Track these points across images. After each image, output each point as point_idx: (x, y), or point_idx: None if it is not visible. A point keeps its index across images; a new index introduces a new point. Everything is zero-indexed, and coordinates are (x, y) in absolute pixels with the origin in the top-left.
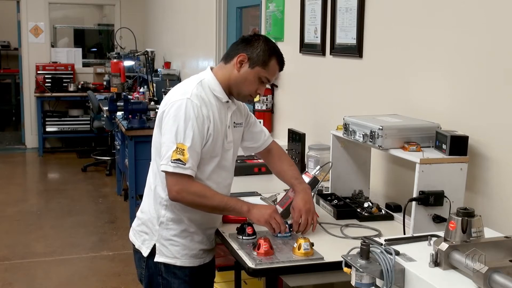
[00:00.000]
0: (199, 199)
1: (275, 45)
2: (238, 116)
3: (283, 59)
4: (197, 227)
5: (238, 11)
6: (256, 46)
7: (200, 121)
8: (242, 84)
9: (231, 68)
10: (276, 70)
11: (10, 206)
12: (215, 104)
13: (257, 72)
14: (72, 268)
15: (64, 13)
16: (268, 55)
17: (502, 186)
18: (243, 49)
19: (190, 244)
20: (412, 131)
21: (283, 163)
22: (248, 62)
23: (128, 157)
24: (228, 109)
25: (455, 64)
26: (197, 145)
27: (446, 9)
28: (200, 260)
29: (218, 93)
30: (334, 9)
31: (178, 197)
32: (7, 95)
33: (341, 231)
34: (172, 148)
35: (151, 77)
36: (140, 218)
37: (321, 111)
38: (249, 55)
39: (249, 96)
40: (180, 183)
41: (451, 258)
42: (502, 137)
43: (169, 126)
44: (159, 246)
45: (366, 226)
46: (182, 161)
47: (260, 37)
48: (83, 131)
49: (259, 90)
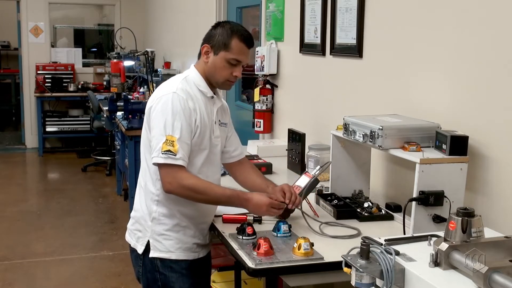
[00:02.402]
0: (192, 193)
1: (234, 26)
2: (223, 115)
3: (246, 34)
4: (189, 221)
5: (238, 11)
6: (215, 33)
7: (187, 113)
8: (214, 72)
9: (202, 61)
10: (242, 47)
11: (10, 206)
12: (201, 98)
13: (223, 57)
14: (72, 268)
15: (64, 13)
16: (227, 36)
17: (502, 186)
18: (206, 40)
19: (183, 238)
20: (412, 131)
21: (253, 175)
22: (212, 50)
23: (128, 157)
24: (214, 104)
25: (455, 64)
26: (186, 137)
27: (446, 9)
28: (194, 254)
29: (202, 88)
30: (334, 9)
31: (171, 188)
32: (7, 95)
33: (320, 229)
34: (162, 141)
35: (151, 77)
36: (133, 217)
37: (321, 111)
38: (211, 44)
39: (228, 82)
40: (172, 174)
41: (451, 258)
42: (502, 137)
43: (157, 120)
44: (153, 242)
45: (348, 226)
46: (172, 151)
47: (219, 24)
48: (83, 131)
49: (234, 72)
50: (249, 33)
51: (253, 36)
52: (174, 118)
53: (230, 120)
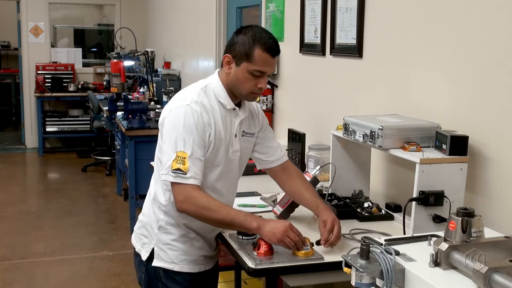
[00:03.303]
0: (203, 211)
1: (258, 33)
2: (249, 125)
3: (270, 43)
4: (197, 233)
5: (238, 11)
6: (236, 42)
7: (201, 128)
8: (237, 84)
9: (224, 71)
10: (265, 58)
11: (10, 206)
12: (219, 110)
13: (245, 68)
14: (72, 268)
15: (64, 13)
16: (249, 46)
17: (502, 186)
18: (227, 49)
19: (189, 250)
20: (412, 131)
21: (301, 187)
22: (233, 61)
23: (128, 157)
24: (236, 117)
25: (455, 64)
26: (199, 153)
27: (446, 9)
28: (200, 267)
29: (223, 99)
30: (334, 9)
31: (182, 207)
32: (7, 95)
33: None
34: (172, 158)
35: (151, 77)
36: (140, 220)
37: (321, 111)
38: (232, 54)
39: (252, 94)
40: (183, 193)
41: (451, 258)
42: (502, 137)
43: (169, 134)
44: (158, 250)
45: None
46: (182, 170)
47: (240, 30)
48: (83, 131)
49: (259, 84)
50: (273, 41)
51: (278, 43)
52: (186, 133)
53: (267, 127)
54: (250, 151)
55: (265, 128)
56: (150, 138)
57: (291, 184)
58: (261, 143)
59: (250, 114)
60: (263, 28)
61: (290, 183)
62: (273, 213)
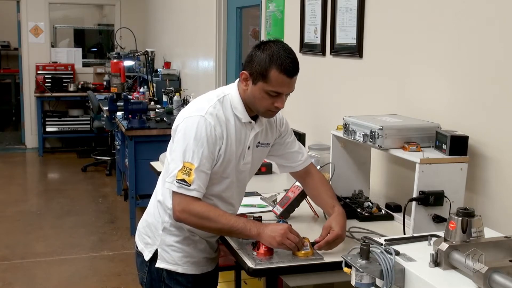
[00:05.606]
0: (202, 221)
1: (276, 51)
2: (266, 136)
3: (287, 64)
4: (200, 236)
5: (238, 11)
6: (254, 59)
7: (212, 141)
8: (254, 101)
9: (241, 85)
10: (282, 79)
11: (10, 206)
12: (234, 123)
13: (261, 87)
14: (72, 268)
15: (64, 13)
16: (265, 66)
17: (502, 186)
18: (245, 66)
19: (193, 252)
20: (412, 131)
21: (320, 189)
22: (250, 78)
23: (128, 157)
24: (252, 130)
25: (455, 64)
26: (206, 166)
27: (446, 9)
28: (202, 268)
29: (239, 112)
30: (334, 9)
31: (181, 217)
32: (7, 95)
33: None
34: (178, 167)
35: (151, 77)
36: (145, 219)
37: (321, 111)
38: (249, 71)
39: (269, 112)
40: (183, 204)
41: (451, 258)
42: (502, 137)
43: (179, 143)
44: (161, 252)
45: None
46: (186, 182)
47: (260, 46)
48: (83, 131)
49: (275, 103)
50: (291, 60)
51: (297, 62)
52: (196, 145)
53: (287, 132)
54: (261, 160)
55: (284, 134)
56: (150, 138)
57: (312, 188)
58: (280, 149)
59: (268, 125)
60: (284, 44)
61: (311, 187)
62: (273, 213)
